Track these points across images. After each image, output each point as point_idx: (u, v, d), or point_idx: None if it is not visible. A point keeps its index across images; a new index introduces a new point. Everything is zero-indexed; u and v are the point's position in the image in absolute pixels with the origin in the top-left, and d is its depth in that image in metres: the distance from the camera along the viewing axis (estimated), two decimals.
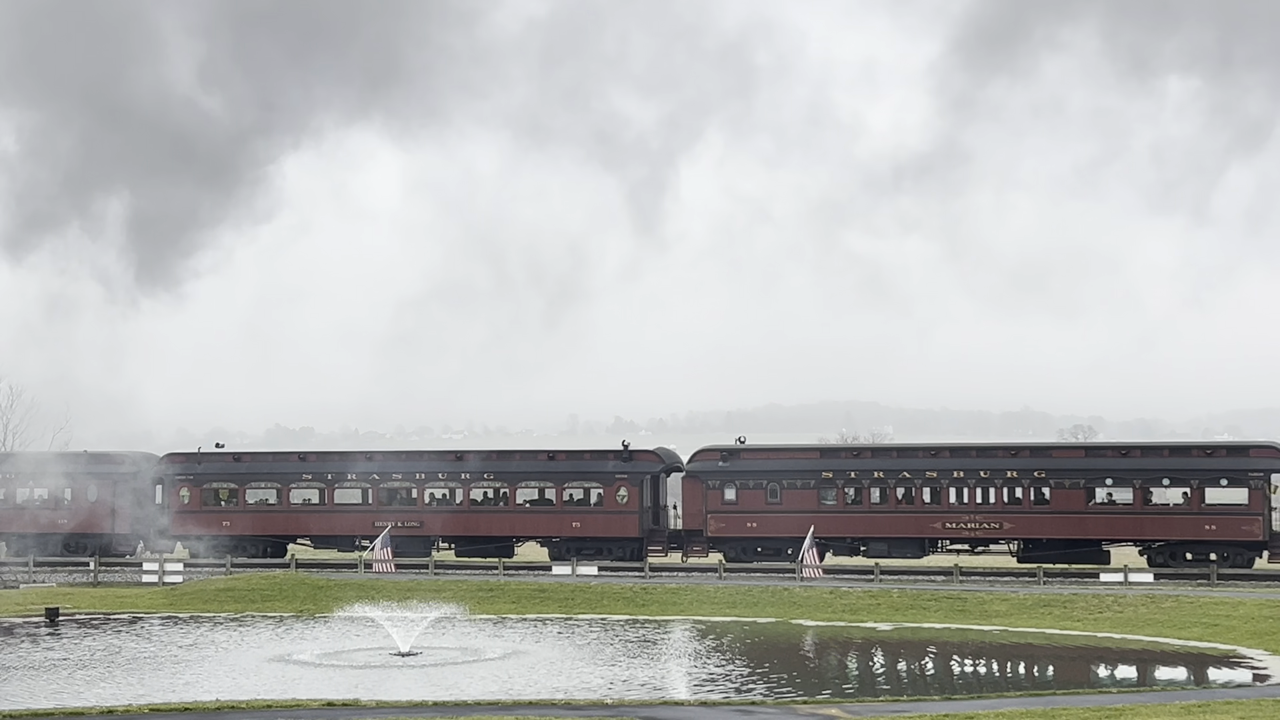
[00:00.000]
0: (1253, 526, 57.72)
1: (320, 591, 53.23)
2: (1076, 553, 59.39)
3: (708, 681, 34.07)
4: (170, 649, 40.77)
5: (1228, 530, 57.93)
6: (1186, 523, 58.42)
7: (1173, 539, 58.81)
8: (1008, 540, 61.13)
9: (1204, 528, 58.08)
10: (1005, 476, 60.85)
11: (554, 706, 27.52)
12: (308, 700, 28.69)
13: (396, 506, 65.43)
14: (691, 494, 63.68)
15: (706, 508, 62.71)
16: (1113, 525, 59.45)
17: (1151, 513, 59.31)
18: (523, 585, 54.74)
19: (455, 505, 65.06)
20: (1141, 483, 59.34)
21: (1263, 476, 58.30)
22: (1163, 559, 58.54)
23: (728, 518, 62.41)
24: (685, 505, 64.35)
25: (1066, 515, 59.63)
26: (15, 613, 49.34)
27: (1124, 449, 62.53)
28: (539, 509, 64.77)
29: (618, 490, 63.99)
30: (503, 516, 64.53)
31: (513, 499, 64.85)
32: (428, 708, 27.36)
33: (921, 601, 50.26)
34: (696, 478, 63.48)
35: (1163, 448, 62.71)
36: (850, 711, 26.74)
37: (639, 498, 63.66)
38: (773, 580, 55.53)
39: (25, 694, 32.09)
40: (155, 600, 53.15)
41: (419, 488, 65.72)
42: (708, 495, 62.72)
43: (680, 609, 49.91)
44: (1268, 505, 58.62)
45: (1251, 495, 58.06)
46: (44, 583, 60.82)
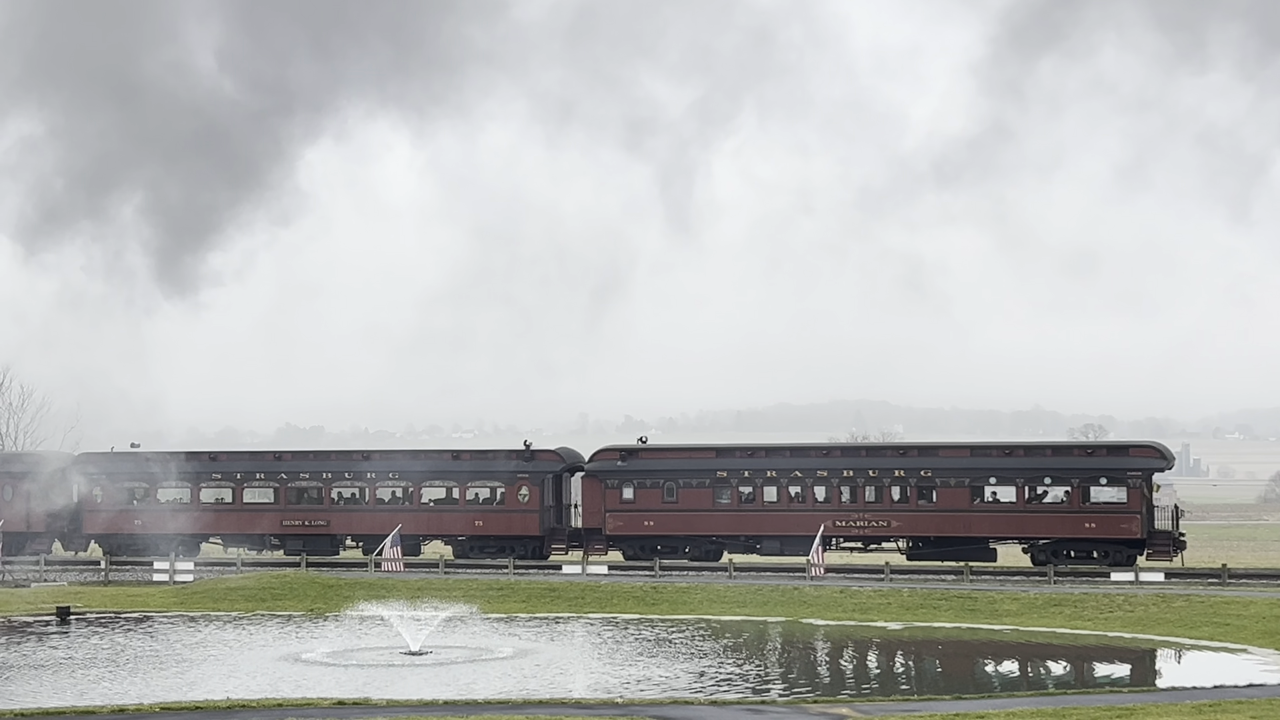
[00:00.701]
0: (1131, 524, 58.76)
1: (330, 591, 53.29)
2: (963, 550, 60.12)
3: (718, 681, 34.06)
4: (181, 648, 40.81)
5: (1107, 528, 59.01)
6: (1068, 521, 59.52)
7: (1054, 537, 59.83)
8: (896, 538, 62.14)
9: (1084, 525, 59.26)
10: (893, 476, 62.12)
11: (564, 706, 27.53)
12: (318, 699, 28.72)
13: (305, 506, 66.88)
14: (591, 493, 65.04)
15: (605, 506, 64.00)
16: (997, 523, 60.56)
17: (1034, 511, 60.33)
18: (533, 584, 54.78)
19: (363, 505, 66.42)
20: (1024, 482, 60.52)
21: (1141, 476, 59.57)
22: (1045, 556, 59.47)
23: (625, 516, 63.67)
24: (585, 504, 65.57)
25: (952, 513, 60.86)
26: (26, 611, 49.44)
27: (1008, 449, 63.66)
28: (444, 508, 65.84)
29: (519, 489, 65.31)
30: (409, 515, 65.26)
31: (418, 498, 66.12)
32: (438, 706, 27.37)
33: (932, 601, 50.24)
34: (595, 477, 64.94)
35: (1046, 447, 64.88)
36: (861, 711, 26.72)
37: (540, 497, 64.93)
38: (783, 579, 55.52)
39: (37, 693, 32.14)
40: (166, 599, 53.23)
41: (326, 487, 67.01)
42: (606, 494, 64.02)
43: (690, 608, 49.91)
44: (1146, 504, 59.72)
45: (1130, 494, 59.10)
46: (55, 581, 60.92)
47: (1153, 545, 59.22)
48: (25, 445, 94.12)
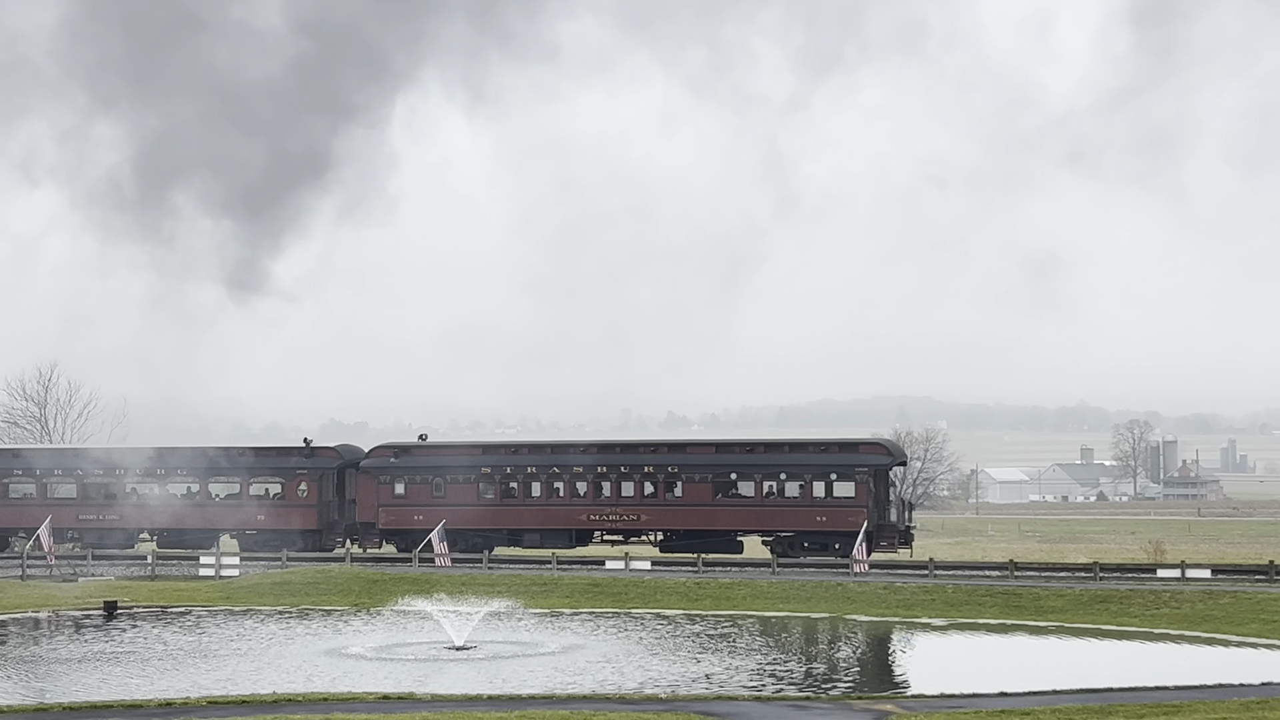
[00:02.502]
0: (858, 517, 60.85)
1: (375, 585, 53.50)
2: (710, 543, 62.75)
3: (762, 676, 34.03)
4: (227, 642, 41.04)
5: (837, 521, 61.46)
6: (801, 514, 62.33)
7: (790, 530, 62.50)
8: (649, 531, 64.84)
9: (816, 519, 61.94)
10: (643, 471, 64.76)
11: (608, 701, 27.57)
12: (363, 693, 28.83)
13: (99, 500, 69.58)
14: (365, 488, 67.44)
15: (379, 501, 66.60)
16: (738, 517, 63.40)
17: (771, 505, 63.03)
18: (577, 579, 54.86)
19: (156, 500, 68.43)
20: (762, 477, 63.29)
21: (868, 471, 62.26)
22: (782, 549, 61.86)
23: (397, 511, 66.30)
24: (360, 499, 67.84)
25: (698, 507, 63.60)
26: (74, 606, 49.80)
27: (750, 446, 66.78)
28: (229, 503, 68.35)
29: (299, 485, 67.92)
30: (199, 510, 67.82)
31: (206, 494, 68.77)
32: (483, 701, 27.44)
33: (976, 597, 50.02)
34: (369, 473, 67.40)
35: (783, 444, 66.97)
36: (905, 707, 26.66)
37: (318, 492, 67.50)
38: (826, 575, 55.40)
39: (84, 686, 32.39)
40: (211, 594, 53.53)
41: (119, 483, 69.57)
42: (379, 489, 66.69)
43: (734, 604, 49.84)
44: (872, 497, 62.13)
45: (858, 489, 61.85)
46: (102, 576, 61.40)
47: (881, 538, 61.80)
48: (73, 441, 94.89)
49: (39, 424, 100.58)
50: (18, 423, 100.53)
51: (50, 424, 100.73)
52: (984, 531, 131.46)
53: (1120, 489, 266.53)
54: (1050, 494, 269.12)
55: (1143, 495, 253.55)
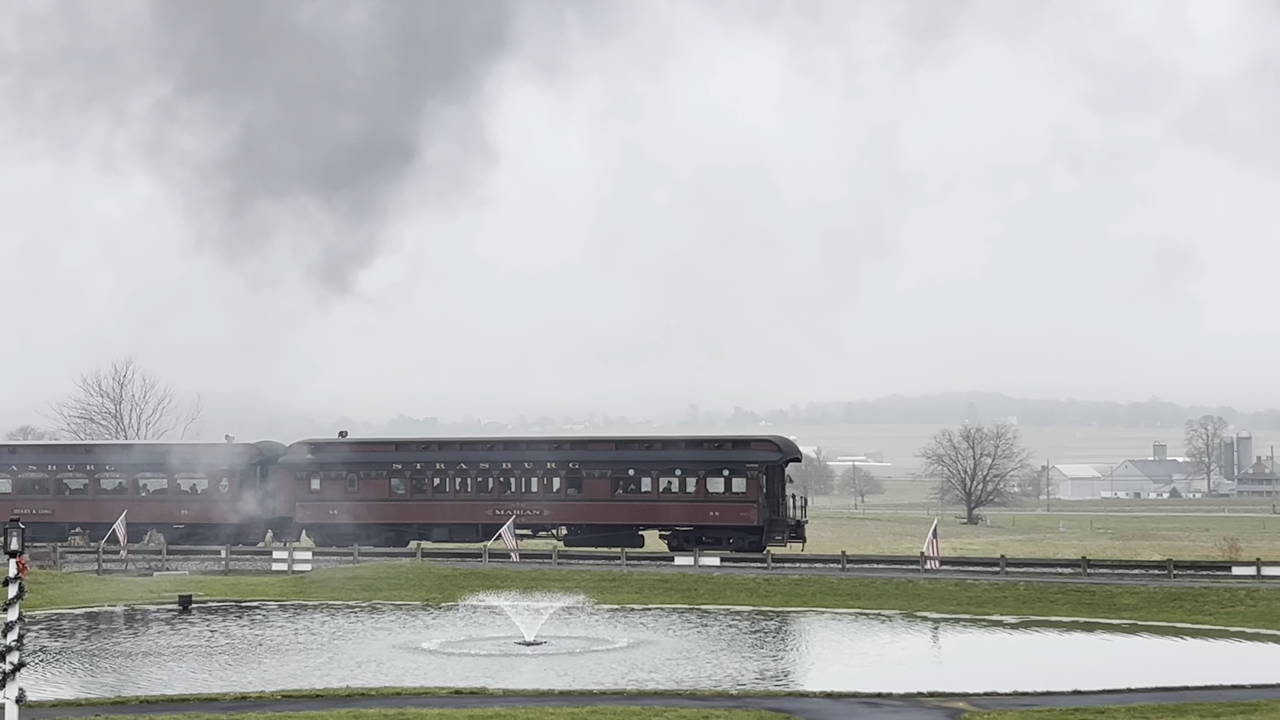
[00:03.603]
0: (749, 513, 63.28)
1: (446, 581, 53.74)
2: (613, 537, 63.87)
3: (831, 673, 33.93)
4: (300, 636, 41.36)
5: (729, 516, 63.50)
6: (695, 509, 64.23)
7: (685, 524, 64.22)
8: (553, 526, 66.57)
9: (709, 514, 63.80)
10: (546, 468, 66.66)
11: (679, 697, 27.59)
12: (436, 688, 28.98)
13: (33, 495, 71.85)
14: (284, 484, 69.36)
15: (296, 497, 68.60)
16: (636, 512, 65.05)
17: (667, 501, 64.86)
18: (646, 575, 54.93)
19: (87, 495, 71.56)
20: (658, 473, 65.34)
21: (759, 468, 64.14)
22: (678, 542, 63.67)
23: (313, 506, 68.27)
24: (279, 495, 69.69)
25: (599, 503, 65.42)
26: (149, 600, 50.35)
27: (648, 443, 68.76)
28: (158, 498, 70.73)
29: (219, 481, 70.20)
30: (126, 505, 69.36)
31: (134, 489, 71.09)
32: (554, 696, 27.54)
33: (1049, 595, 49.65)
34: (288, 469, 69.27)
35: (679, 441, 69.37)
36: (977, 705, 26.52)
37: (237, 487, 69.74)
38: (897, 573, 55.19)
39: (160, 680, 32.72)
40: (285, 588, 53.96)
41: (53, 479, 72.26)
42: (296, 485, 68.64)
43: (803, 600, 49.71)
44: (764, 493, 63.82)
45: (749, 485, 63.76)
46: (177, 570, 62.06)
47: (773, 532, 63.28)
48: (147, 436, 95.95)
49: (114, 420, 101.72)
50: (93, 419, 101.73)
51: (125, 420, 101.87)
52: (1055, 528, 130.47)
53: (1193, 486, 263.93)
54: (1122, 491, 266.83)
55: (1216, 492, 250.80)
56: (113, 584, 55.43)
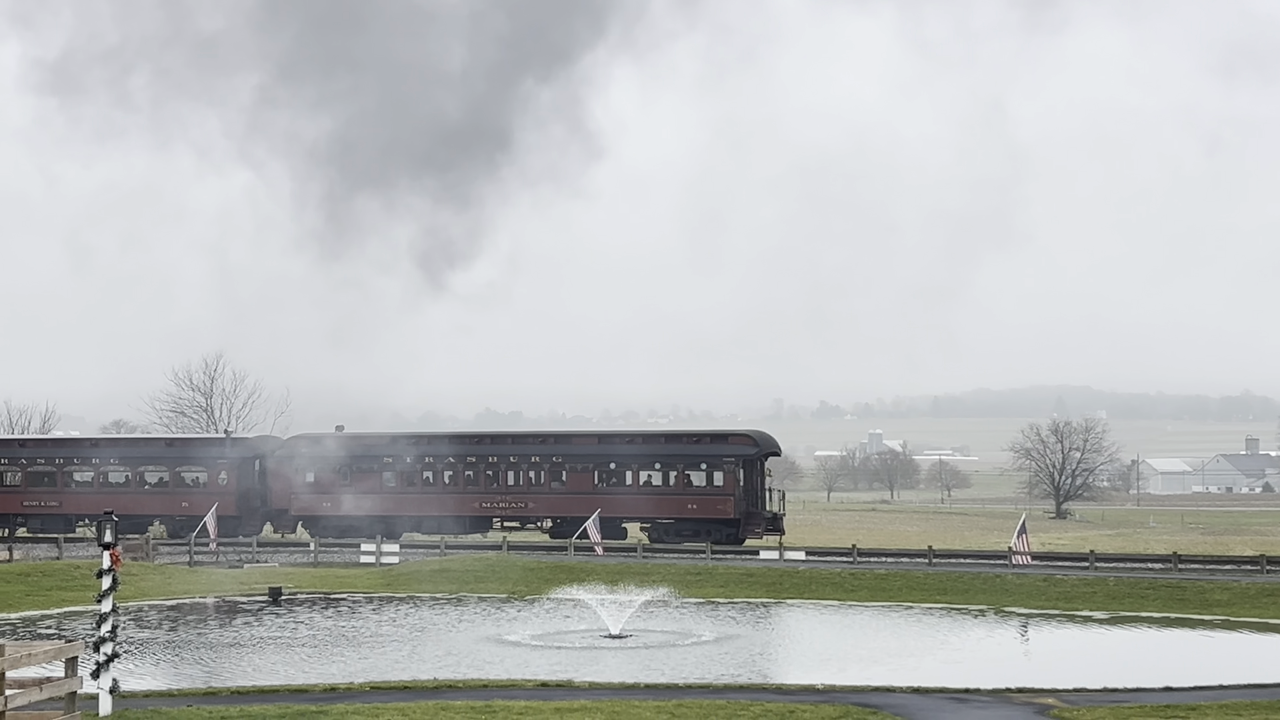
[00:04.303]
0: (726, 506, 64.65)
1: (531, 574, 53.97)
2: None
3: (920, 668, 33.73)
4: (388, 628, 41.67)
5: (707, 509, 64.70)
6: (674, 502, 65.70)
7: (664, 517, 65.52)
8: (540, 519, 68.15)
9: (687, 507, 64.99)
10: (531, 461, 68.11)
11: (764, 691, 27.54)
12: (523, 680, 29.10)
13: (42, 488, 73.77)
14: (280, 477, 70.91)
15: (291, 489, 70.06)
16: (618, 504, 65.97)
17: (647, 493, 66.11)
18: (731, 569, 54.88)
19: (93, 487, 73.04)
20: (638, 466, 66.61)
21: (736, 461, 65.36)
22: (658, 535, 64.84)
23: (308, 498, 69.76)
24: (274, 487, 71.38)
25: (581, 495, 66.64)
26: (240, 592, 50.92)
27: (630, 436, 70.86)
28: (158, 490, 72.49)
29: (219, 474, 71.73)
30: (132, 497, 71.96)
31: (138, 482, 73.02)
32: (640, 690, 27.56)
33: (1139, 590, 49.11)
34: (284, 462, 70.78)
35: (659, 435, 71.74)
36: (1067, 701, 26.28)
37: (236, 480, 71.38)
38: (984, 567, 54.80)
39: (252, 670, 33.07)
40: (373, 581, 54.40)
41: (60, 471, 73.91)
42: (292, 478, 70.11)
43: (889, 594, 49.47)
44: (740, 486, 65.14)
45: (726, 478, 65.14)
46: (266, 563, 62.75)
47: (750, 524, 64.72)
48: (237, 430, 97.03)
49: (205, 413, 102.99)
50: (184, 412, 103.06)
51: (216, 413, 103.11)
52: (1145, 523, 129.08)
53: None
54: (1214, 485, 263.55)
55: None
56: (203, 576, 56.11)
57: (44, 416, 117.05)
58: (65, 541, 65.67)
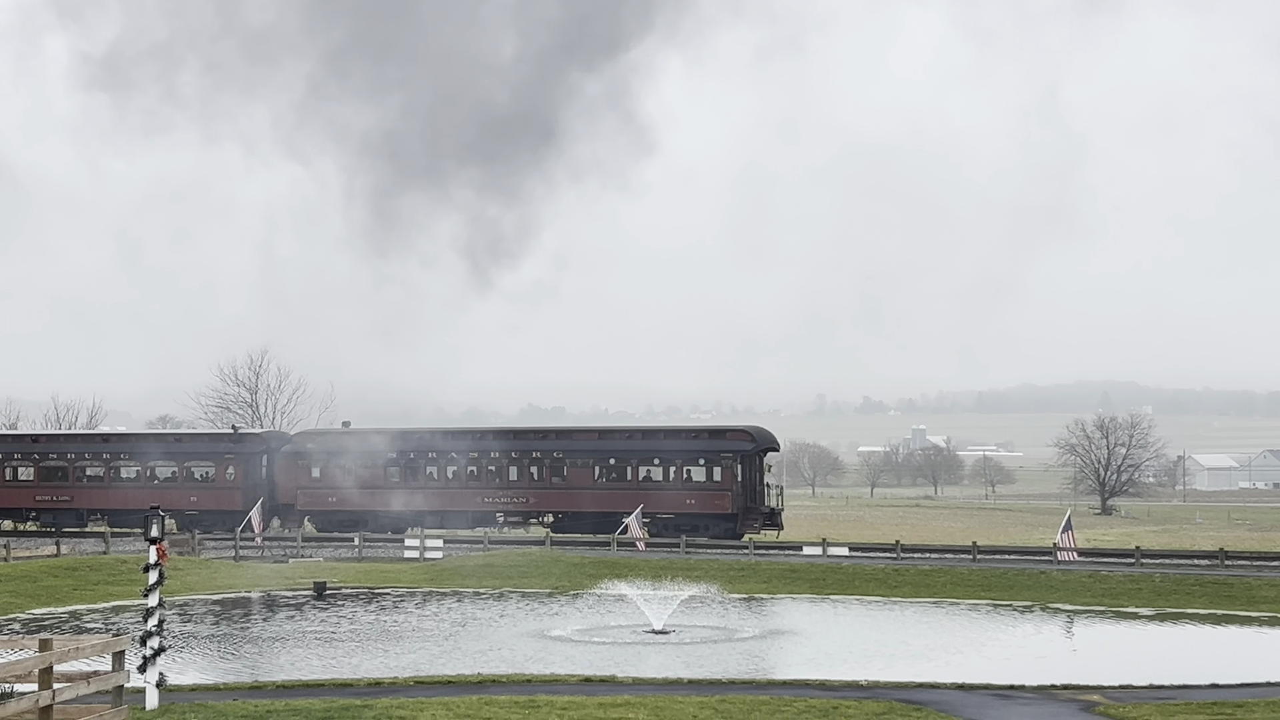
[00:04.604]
0: (724, 501, 65.37)
1: (575, 569, 54.04)
2: (597, 524, 66.14)
3: (962, 665, 33.62)
4: (431, 623, 41.79)
5: (705, 504, 65.25)
6: (673, 497, 66.17)
7: (664, 511, 65.85)
8: (540, 514, 68.71)
9: (686, 502, 65.55)
10: (532, 457, 68.92)
11: (807, 687, 27.48)
12: (566, 675, 29.15)
13: (55, 483, 74.73)
14: (286, 472, 71.76)
15: (298, 484, 70.89)
16: (618, 500, 66.54)
17: (647, 489, 66.56)
18: (774, 565, 54.82)
19: (103, 482, 74.05)
20: (638, 462, 67.43)
21: (734, 457, 65.99)
22: (657, 529, 65.09)
23: (313, 493, 70.54)
24: (281, 482, 72.09)
25: (582, 491, 67.57)
26: (285, 586, 51.17)
27: (629, 433, 71.12)
28: (167, 485, 73.05)
29: (227, 469, 72.52)
30: (142, 492, 71.99)
31: (147, 477, 73.61)
32: (683, 685, 27.56)
33: (1185, 586, 48.78)
34: (290, 457, 71.85)
35: (659, 431, 71.73)
36: (1112, 698, 26.14)
37: (244, 475, 71.95)
38: (1028, 563, 54.55)
39: (296, 665, 33.24)
40: (416, 576, 54.57)
41: (72, 466, 74.92)
42: (298, 473, 71.02)
43: (933, 591, 49.31)
44: (738, 482, 65.72)
45: (724, 473, 65.81)
46: (311, 558, 63.04)
47: (748, 519, 65.26)
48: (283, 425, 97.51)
49: (250, 409, 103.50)
50: (230, 408, 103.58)
51: (260, 409, 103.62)
52: (1192, 519, 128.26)
53: None
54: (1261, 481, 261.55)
55: None
56: (249, 570, 56.42)
57: (91, 412, 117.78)
58: (113, 536, 66.21)
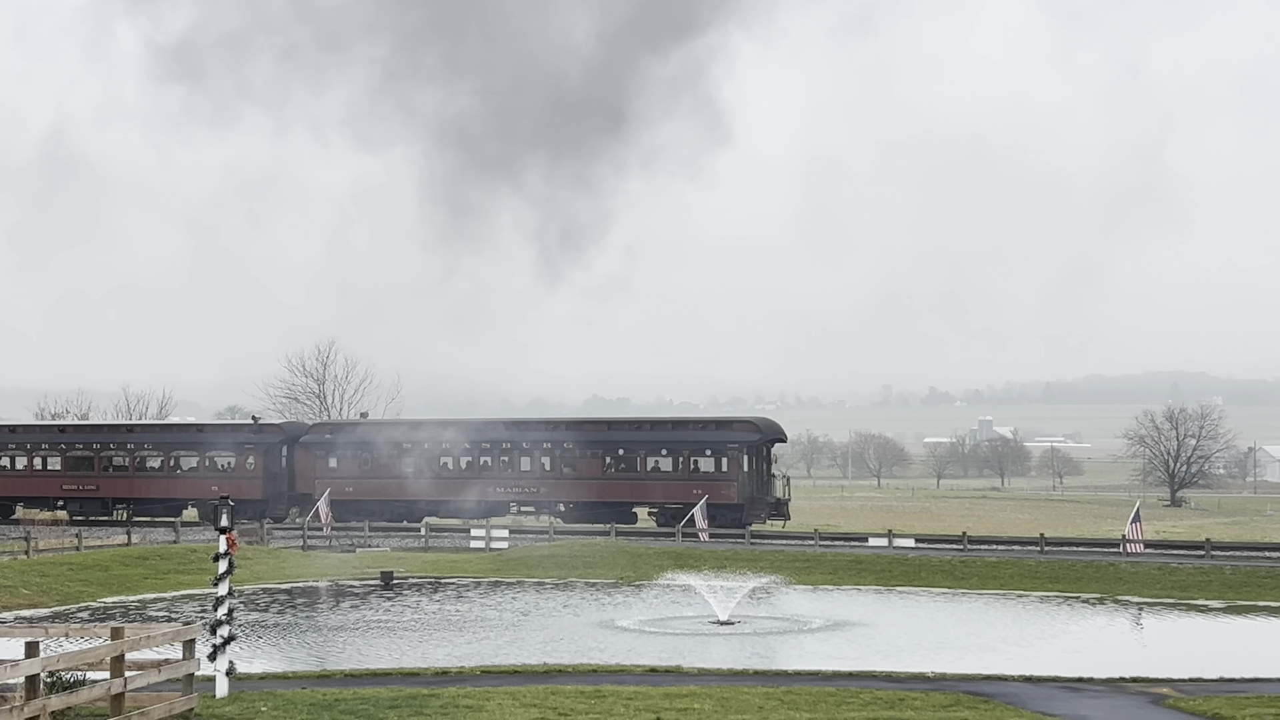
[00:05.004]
0: (730, 490, 65.90)
1: (639, 559, 54.07)
2: (606, 514, 66.31)
3: (1029, 657, 33.42)
4: (497, 613, 41.94)
5: (712, 494, 64.82)
6: (680, 487, 66.58)
7: (671, 502, 66.38)
8: (551, 504, 69.35)
9: (693, 492, 65.21)
10: (542, 448, 69.71)
11: (874, 678, 27.40)
12: (631, 665, 29.18)
13: (81, 472, 76.12)
14: (305, 462, 72.99)
15: (315, 474, 71.87)
16: (626, 490, 68.00)
17: (654, 479, 67.50)
18: (839, 556, 54.66)
19: (128, 472, 75.45)
20: (646, 453, 68.08)
21: (739, 447, 66.61)
22: (665, 519, 65.56)
23: (331, 483, 70.79)
24: (299, 472, 73.32)
25: (591, 481, 68.38)
26: (352, 576, 51.50)
27: (637, 424, 71.48)
28: (189, 475, 74.20)
29: (247, 459, 73.61)
30: (163, 481, 74.62)
31: (170, 466, 75.09)
32: (749, 676, 27.55)
33: (1256, 579, 48.24)
34: (308, 448, 73.00)
35: (666, 422, 72.66)
36: (1182, 690, 25.90)
37: (263, 465, 73.12)
38: (1097, 555, 54.13)
39: (363, 654, 33.46)
40: (483, 566, 54.78)
41: (97, 457, 76.29)
42: (315, 463, 72.19)
43: (1000, 582, 48.99)
44: (743, 472, 66.35)
45: (730, 464, 66.45)
46: (378, 547, 63.42)
47: (752, 510, 65.71)
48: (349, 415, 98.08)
49: (318, 399, 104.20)
50: (298, 398, 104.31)
51: (328, 399, 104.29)
52: (1263, 511, 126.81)
53: None
54: None
55: None
56: (317, 560, 56.83)
57: (160, 402, 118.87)
58: (182, 526, 66.92)
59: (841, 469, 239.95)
